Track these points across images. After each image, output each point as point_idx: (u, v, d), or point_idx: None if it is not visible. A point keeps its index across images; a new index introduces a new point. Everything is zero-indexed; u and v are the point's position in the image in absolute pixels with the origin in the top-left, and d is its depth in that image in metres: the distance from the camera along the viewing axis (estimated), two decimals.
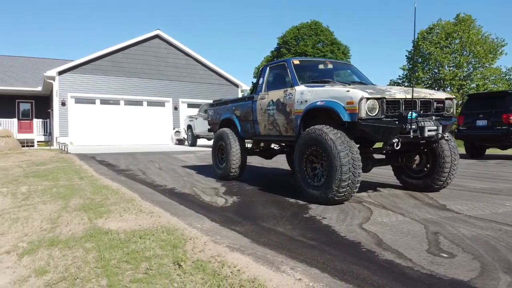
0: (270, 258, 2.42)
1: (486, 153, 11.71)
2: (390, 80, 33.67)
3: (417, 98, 4.31)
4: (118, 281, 2.15)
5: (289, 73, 5.26)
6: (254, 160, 9.36)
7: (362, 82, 5.52)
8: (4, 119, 20.42)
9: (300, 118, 4.81)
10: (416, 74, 27.49)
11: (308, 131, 4.44)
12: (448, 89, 27.04)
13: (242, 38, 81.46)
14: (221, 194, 5.11)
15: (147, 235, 2.99)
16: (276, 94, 5.35)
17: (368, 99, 4.01)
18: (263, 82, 5.81)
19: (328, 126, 4.25)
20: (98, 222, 3.54)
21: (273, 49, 49.95)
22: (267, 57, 50.23)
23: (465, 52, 26.84)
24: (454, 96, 4.76)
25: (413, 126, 4.11)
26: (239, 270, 2.16)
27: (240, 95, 21.01)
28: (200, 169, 8.16)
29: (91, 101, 19.12)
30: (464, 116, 10.94)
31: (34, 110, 22.65)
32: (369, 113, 4.03)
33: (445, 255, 2.53)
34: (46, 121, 21.73)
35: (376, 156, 5.00)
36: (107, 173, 7.55)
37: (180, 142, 19.93)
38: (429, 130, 4.15)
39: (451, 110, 4.67)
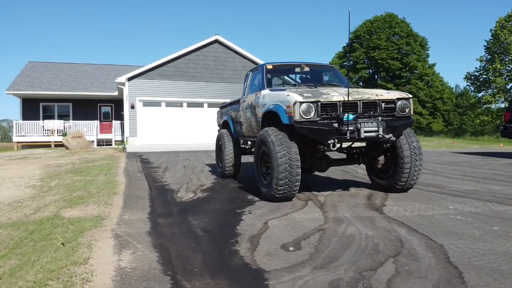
0: (134, 244, 2.90)
1: None
2: (467, 72, 30.95)
3: (359, 100, 4.35)
4: (11, 252, 2.80)
5: (260, 77, 5.58)
6: None
7: (334, 84, 5.60)
8: (87, 121, 23.32)
9: (261, 121, 5.11)
10: (494, 65, 24.95)
11: (260, 132, 4.75)
12: None
13: (313, 36, 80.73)
14: (198, 191, 5.62)
15: (77, 222, 3.64)
16: (251, 98, 5.70)
17: (301, 102, 4.20)
18: (246, 86, 6.19)
19: (273, 128, 4.53)
20: (63, 211, 4.29)
21: (345, 45, 49.03)
22: (339, 53, 49.37)
23: None
24: (409, 96, 4.63)
25: (350, 128, 4.19)
26: (90, 249, 2.68)
27: None
28: (216, 168, 8.74)
29: (157, 104, 20.94)
30: (510, 113, 10.00)
31: (113, 113, 25.40)
32: (304, 116, 4.21)
33: (291, 249, 2.76)
34: (123, 123, 24.23)
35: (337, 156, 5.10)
36: (132, 170, 8.51)
37: None
38: (365, 132, 4.19)
39: (407, 110, 4.57)
